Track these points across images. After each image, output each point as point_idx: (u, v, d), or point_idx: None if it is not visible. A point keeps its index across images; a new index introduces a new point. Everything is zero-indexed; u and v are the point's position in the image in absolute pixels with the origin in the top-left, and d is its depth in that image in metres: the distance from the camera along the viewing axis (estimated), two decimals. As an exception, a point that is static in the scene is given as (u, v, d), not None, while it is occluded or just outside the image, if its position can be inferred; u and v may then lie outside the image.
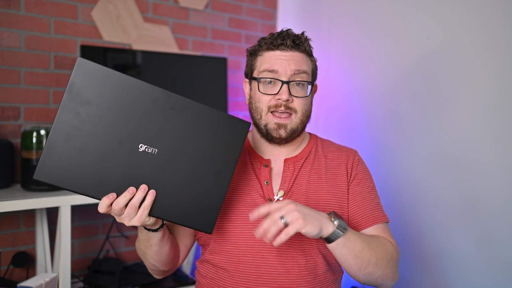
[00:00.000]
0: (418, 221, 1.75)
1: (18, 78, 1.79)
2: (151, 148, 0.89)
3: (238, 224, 1.05)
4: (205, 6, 2.28)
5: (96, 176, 0.86)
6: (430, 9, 1.73)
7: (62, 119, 0.84)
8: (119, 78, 0.87)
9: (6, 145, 1.61)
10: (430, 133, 1.72)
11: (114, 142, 0.87)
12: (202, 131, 0.93)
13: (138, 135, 0.88)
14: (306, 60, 1.10)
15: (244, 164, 1.12)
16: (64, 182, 0.84)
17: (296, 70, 1.06)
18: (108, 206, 0.87)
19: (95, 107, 0.85)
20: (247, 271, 1.02)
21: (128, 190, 0.87)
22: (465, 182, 1.60)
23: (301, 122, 1.09)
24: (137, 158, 0.88)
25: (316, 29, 2.30)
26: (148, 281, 1.86)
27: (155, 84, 0.96)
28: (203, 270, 1.12)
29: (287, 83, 1.06)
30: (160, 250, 1.04)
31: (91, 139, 0.85)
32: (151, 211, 0.89)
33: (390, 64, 1.90)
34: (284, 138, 1.08)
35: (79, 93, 0.84)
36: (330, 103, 2.19)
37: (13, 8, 1.77)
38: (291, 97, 1.06)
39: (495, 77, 1.51)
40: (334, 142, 1.21)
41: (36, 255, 1.77)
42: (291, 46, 1.08)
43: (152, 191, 0.89)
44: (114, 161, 0.86)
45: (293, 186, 1.08)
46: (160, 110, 0.90)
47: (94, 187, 0.86)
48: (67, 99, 0.84)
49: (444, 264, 1.66)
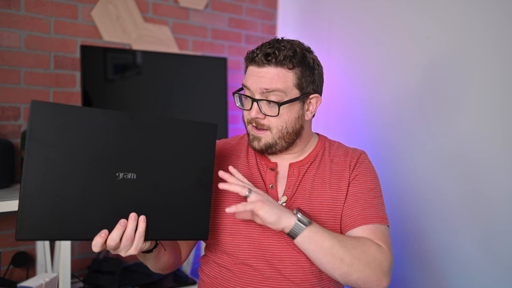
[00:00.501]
0: (418, 220, 1.75)
1: (18, 78, 1.79)
2: (129, 173, 0.86)
3: (242, 227, 1.04)
4: (205, 6, 2.28)
5: (81, 218, 0.82)
6: (430, 9, 1.73)
7: (31, 168, 0.79)
8: (78, 111, 0.83)
9: (6, 145, 1.61)
10: (431, 133, 1.71)
11: (90, 177, 0.83)
12: (173, 143, 0.92)
13: (113, 164, 0.85)
14: (282, 75, 1.01)
15: (251, 167, 1.11)
16: (49, 234, 0.80)
17: (264, 89, 1.01)
18: (102, 245, 0.84)
19: (61, 147, 0.81)
20: (251, 273, 1.02)
21: (119, 222, 0.85)
22: (468, 181, 1.60)
23: (281, 138, 1.05)
24: (118, 188, 0.85)
25: (316, 29, 2.30)
26: (148, 281, 1.86)
27: (155, 84, 0.96)
28: (206, 268, 1.12)
29: (257, 101, 1.02)
30: (158, 262, 1.05)
31: (66, 181, 0.81)
32: (145, 236, 0.88)
33: (390, 64, 1.90)
34: (259, 150, 1.07)
35: (42, 137, 0.80)
36: (330, 103, 2.19)
37: (13, 8, 1.77)
38: (261, 114, 1.03)
39: (496, 76, 1.51)
40: (343, 145, 1.17)
41: (36, 255, 1.77)
42: (263, 62, 1.01)
43: (143, 217, 0.87)
44: (95, 196, 0.83)
45: (297, 191, 1.07)
46: (127, 133, 0.87)
47: (83, 230, 0.82)
48: (30, 147, 0.79)
49: (446, 263, 1.66)
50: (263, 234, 1.03)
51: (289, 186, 1.07)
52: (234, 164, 1.13)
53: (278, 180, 1.09)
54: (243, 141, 1.19)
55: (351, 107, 2.09)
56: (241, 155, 1.15)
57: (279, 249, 1.02)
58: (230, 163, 1.13)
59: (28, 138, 0.79)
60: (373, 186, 1.08)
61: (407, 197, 1.80)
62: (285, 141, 1.06)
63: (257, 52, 1.03)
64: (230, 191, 0.97)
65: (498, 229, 1.50)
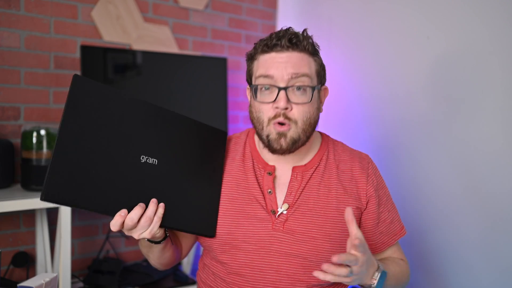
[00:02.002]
0: (421, 219, 1.75)
1: (18, 78, 1.79)
2: (152, 159, 0.91)
3: (237, 236, 0.99)
4: (205, 6, 2.28)
5: (105, 192, 0.84)
6: (430, 9, 1.73)
7: (65, 137, 0.81)
8: (114, 93, 0.89)
9: (6, 145, 1.61)
10: (432, 132, 1.71)
11: (117, 154, 0.87)
12: (191, 141, 0.98)
13: (138, 148, 0.90)
14: (307, 61, 0.97)
15: (247, 171, 1.05)
16: (73, 200, 0.81)
17: (293, 74, 0.95)
18: (121, 224, 0.85)
19: (95, 123, 0.85)
20: (244, 285, 0.99)
21: (139, 205, 0.86)
22: (470, 180, 1.60)
23: (304, 132, 0.98)
24: (141, 170, 0.89)
25: (316, 29, 2.30)
26: (148, 281, 1.86)
27: (155, 84, 0.99)
28: (203, 275, 1.10)
29: (285, 89, 0.95)
30: (162, 256, 1.03)
31: (95, 153, 0.84)
32: (161, 222, 0.90)
33: (390, 64, 1.90)
34: (285, 149, 0.98)
35: (79, 111, 0.84)
36: (330, 103, 2.19)
37: (13, 8, 1.77)
38: (289, 104, 0.95)
39: (496, 76, 1.51)
40: (347, 146, 1.13)
41: (36, 255, 1.77)
42: (287, 46, 0.95)
43: (162, 204, 0.89)
44: (120, 174, 0.86)
45: (299, 199, 1.00)
46: (154, 123, 0.93)
47: (105, 203, 0.85)
48: (68, 117, 0.82)
49: (449, 262, 1.66)
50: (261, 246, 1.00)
51: (290, 192, 1.01)
52: (228, 168, 1.06)
53: (276, 185, 1.03)
54: (239, 143, 1.11)
55: (351, 106, 2.09)
56: (236, 158, 1.08)
57: (276, 260, 0.98)
58: (224, 165, 1.08)
59: (67, 108, 0.82)
60: (386, 198, 1.10)
61: (408, 196, 1.80)
62: (306, 136, 0.99)
63: (278, 37, 0.96)
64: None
65: (501, 227, 1.50)
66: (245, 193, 1.02)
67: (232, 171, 1.06)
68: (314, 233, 0.98)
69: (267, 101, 0.97)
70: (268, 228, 0.99)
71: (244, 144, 1.10)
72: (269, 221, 0.99)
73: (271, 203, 1.00)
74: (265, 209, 1.00)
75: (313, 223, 0.98)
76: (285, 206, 1.00)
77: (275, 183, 1.03)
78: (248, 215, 1.00)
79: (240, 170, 1.05)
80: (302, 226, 0.98)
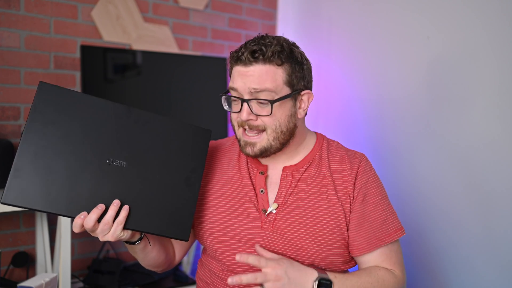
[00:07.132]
0: (420, 219, 1.75)
1: (18, 78, 1.79)
2: (119, 161, 0.90)
3: (228, 233, 1.01)
4: (205, 6, 2.28)
5: (67, 195, 0.85)
6: (430, 9, 1.73)
7: (28, 140, 0.84)
8: (79, 96, 0.90)
9: (6, 145, 1.61)
10: (431, 132, 1.71)
11: (82, 159, 0.87)
12: (167, 142, 0.96)
13: (105, 150, 0.89)
14: (272, 73, 0.96)
15: (242, 170, 1.06)
16: (33, 203, 0.83)
17: (253, 89, 0.95)
18: (81, 226, 0.86)
19: (60, 126, 0.87)
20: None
21: (97, 206, 0.86)
22: (469, 179, 1.60)
23: (275, 139, 0.99)
24: (107, 173, 0.88)
25: (316, 29, 2.30)
26: (148, 281, 1.86)
27: (155, 84, 0.98)
28: (201, 272, 1.11)
29: (247, 102, 0.96)
30: (146, 257, 1.03)
31: (58, 157, 0.86)
32: (125, 224, 0.89)
33: (390, 64, 1.90)
34: (254, 156, 1.00)
35: (43, 115, 0.86)
36: (329, 103, 2.19)
37: (13, 8, 1.77)
38: (253, 115, 0.97)
39: (496, 75, 1.51)
40: (342, 146, 1.11)
41: (36, 255, 1.77)
42: (250, 60, 0.95)
43: (126, 207, 0.88)
44: (83, 177, 0.87)
45: (289, 198, 1.01)
46: (124, 124, 0.92)
47: (66, 206, 0.85)
48: (31, 120, 0.85)
49: (450, 260, 1.66)
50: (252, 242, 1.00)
51: (281, 192, 1.02)
52: (225, 166, 1.09)
53: (268, 184, 1.04)
54: (236, 143, 1.12)
55: (351, 106, 2.09)
56: (233, 157, 1.10)
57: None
58: (222, 165, 1.10)
59: (31, 112, 0.85)
60: (379, 198, 1.04)
61: (407, 195, 1.80)
62: (279, 142, 1.00)
63: (242, 51, 0.97)
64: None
65: (501, 225, 1.50)
66: (239, 191, 1.04)
67: (229, 170, 1.08)
68: (301, 233, 0.98)
69: (234, 111, 1.01)
70: (258, 227, 1.00)
71: None
72: (258, 220, 1.00)
73: (262, 202, 1.02)
74: (256, 208, 1.02)
75: (301, 223, 0.99)
76: (275, 205, 1.01)
77: (267, 183, 1.04)
78: (240, 214, 1.02)
79: (236, 169, 1.07)
80: (290, 226, 0.99)
